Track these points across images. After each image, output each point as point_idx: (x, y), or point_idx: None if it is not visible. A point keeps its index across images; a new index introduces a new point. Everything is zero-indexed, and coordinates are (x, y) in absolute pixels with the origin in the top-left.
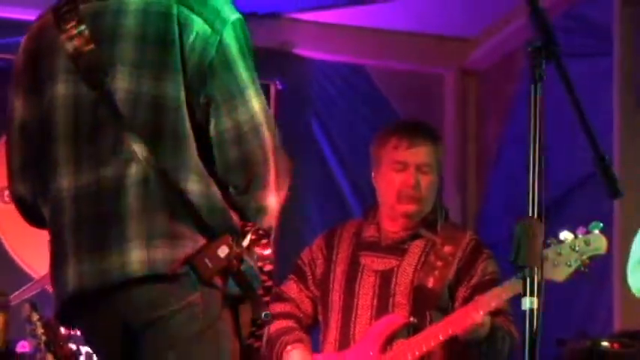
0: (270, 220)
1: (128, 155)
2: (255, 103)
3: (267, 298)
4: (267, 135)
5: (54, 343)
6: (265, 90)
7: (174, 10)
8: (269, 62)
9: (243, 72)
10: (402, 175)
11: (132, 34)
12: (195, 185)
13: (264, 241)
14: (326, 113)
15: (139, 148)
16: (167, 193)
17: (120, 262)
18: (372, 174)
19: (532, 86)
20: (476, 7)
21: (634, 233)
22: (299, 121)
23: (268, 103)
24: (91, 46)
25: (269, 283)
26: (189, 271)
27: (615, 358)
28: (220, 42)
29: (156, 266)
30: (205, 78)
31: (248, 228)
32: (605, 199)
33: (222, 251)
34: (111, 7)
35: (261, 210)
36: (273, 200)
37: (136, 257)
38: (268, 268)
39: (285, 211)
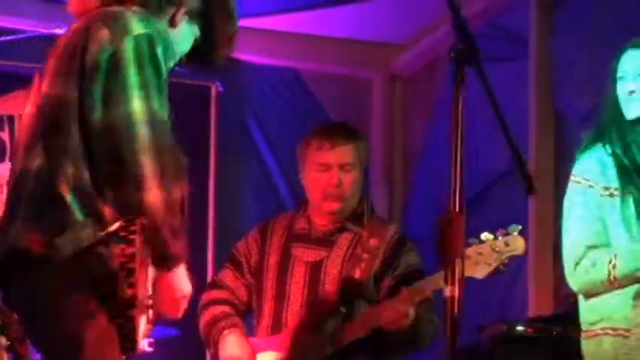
0: (155, 215)
1: (36, 149)
2: (137, 104)
3: (130, 280)
4: (142, 133)
5: (7, 327)
6: (206, 92)
7: (91, 25)
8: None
9: (133, 77)
10: (325, 176)
11: (60, 49)
12: (71, 169)
13: (132, 228)
14: (263, 115)
15: (43, 142)
16: (52, 180)
17: (7, 238)
18: (300, 174)
19: (454, 89)
20: (403, 15)
21: (546, 227)
22: (238, 122)
23: (209, 105)
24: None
25: (130, 265)
26: (48, 249)
27: (530, 342)
28: (116, 48)
29: (19, 241)
30: (93, 77)
31: (118, 218)
32: (520, 195)
33: (84, 234)
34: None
35: (134, 205)
36: (151, 197)
37: (13, 233)
38: (130, 251)
39: (226, 206)
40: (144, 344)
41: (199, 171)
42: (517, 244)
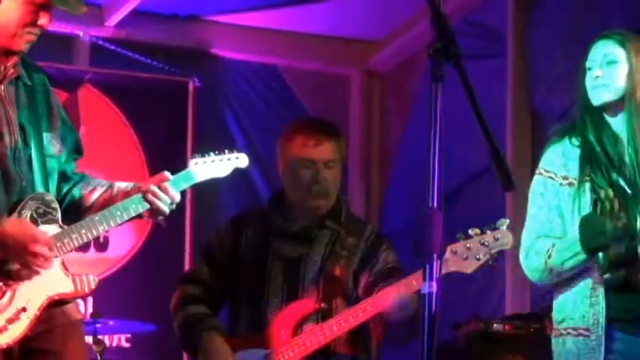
0: None
1: None
2: None
3: None
4: None
5: None
6: (184, 87)
7: None
8: (187, 61)
9: None
10: (310, 172)
11: None
12: None
13: None
14: (240, 109)
15: None
16: None
17: None
18: (280, 168)
19: (433, 85)
20: (380, 12)
21: (523, 223)
22: (215, 116)
23: (186, 100)
24: None
25: None
26: None
27: (507, 339)
28: None
29: None
30: None
31: None
32: (498, 191)
33: None
34: None
35: None
36: None
37: None
38: None
39: (202, 196)
40: None
41: (177, 163)
42: (506, 238)
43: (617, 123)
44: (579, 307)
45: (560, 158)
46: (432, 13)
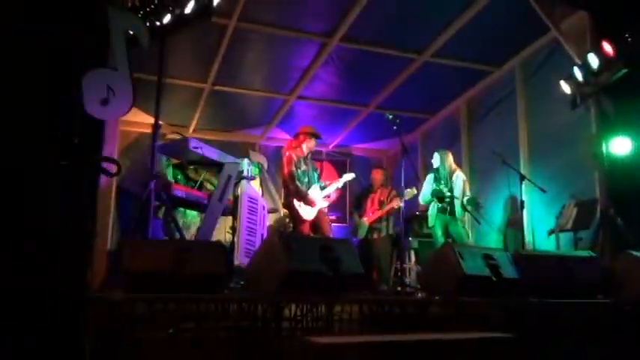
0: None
1: None
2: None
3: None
4: None
5: None
6: (346, 161)
7: None
8: (346, 155)
9: None
10: (372, 178)
11: None
12: None
13: None
14: (361, 168)
15: None
16: None
17: None
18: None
19: (404, 156)
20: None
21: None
22: (355, 169)
23: (347, 166)
24: None
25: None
26: None
27: (424, 217)
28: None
29: None
30: None
31: None
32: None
33: None
34: None
35: None
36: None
37: None
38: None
39: (353, 185)
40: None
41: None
42: (414, 191)
43: (441, 171)
44: (432, 211)
45: (431, 175)
46: (401, 147)
